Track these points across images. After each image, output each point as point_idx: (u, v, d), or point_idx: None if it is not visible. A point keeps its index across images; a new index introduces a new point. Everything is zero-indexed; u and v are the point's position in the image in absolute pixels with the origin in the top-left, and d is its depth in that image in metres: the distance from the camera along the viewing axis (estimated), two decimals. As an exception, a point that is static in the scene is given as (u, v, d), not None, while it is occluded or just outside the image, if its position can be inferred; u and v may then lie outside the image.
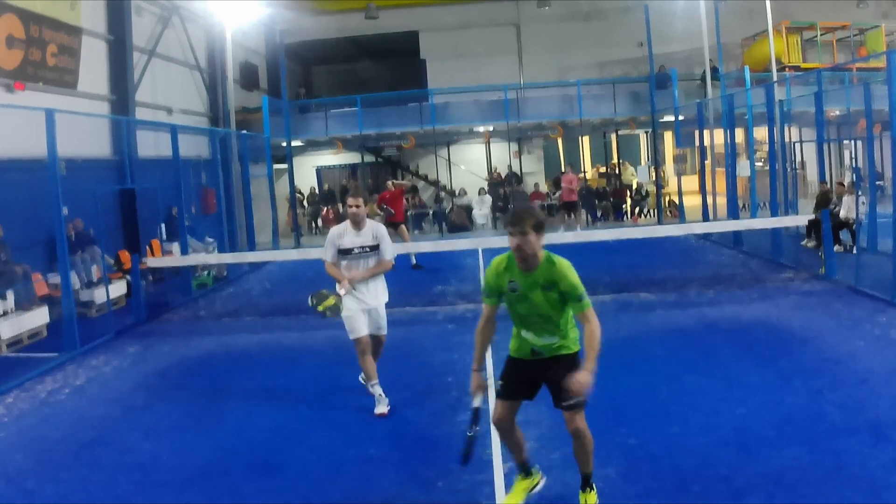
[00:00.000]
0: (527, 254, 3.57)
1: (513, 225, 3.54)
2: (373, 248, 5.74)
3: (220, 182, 14.39)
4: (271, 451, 5.01)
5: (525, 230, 3.51)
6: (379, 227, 5.83)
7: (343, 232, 5.78)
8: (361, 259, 5.76)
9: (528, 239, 3.53)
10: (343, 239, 5.77)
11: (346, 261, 5.79)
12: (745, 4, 18.72)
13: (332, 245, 5.80)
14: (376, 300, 5.85)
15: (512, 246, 3.60)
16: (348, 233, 5.75)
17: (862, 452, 4.29)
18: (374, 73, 26.91)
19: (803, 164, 19.12)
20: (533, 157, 23.18)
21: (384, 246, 5.79)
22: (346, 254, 5.76)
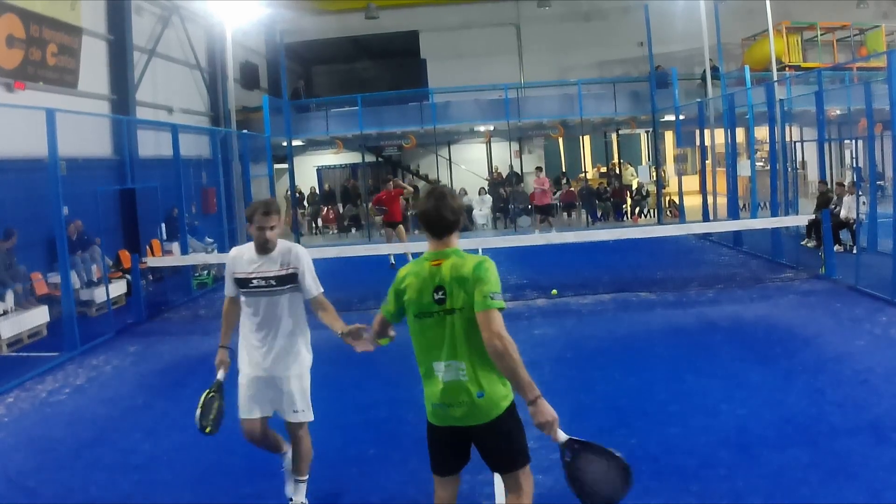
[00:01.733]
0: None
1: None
2: (282, 281, 3.82)
3: (221, 182, 14.38)
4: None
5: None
6: (295, 251, 3.90)
7: (241, 253, 3.87)
8: (264, 298, 3.82)
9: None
10: (237, 264, 3.85)
11: (244, 299, 3.89)
12: (745, 4, 18.71)
13: (229, 274, 3.91)
14: (282, 366, 3.93)
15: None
16: (247, 255, 3.85)
17: (862, 453, 4.28)
18: (375, 73, 26.91)
19: (804, 164, 19.12)
20: (534, 156, 23.18)
21: (307, 278, 3.91)
22: (243, 287, 3.84)
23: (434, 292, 2.86)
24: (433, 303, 2.87)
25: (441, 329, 2.87)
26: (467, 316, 2.80)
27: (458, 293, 2.81)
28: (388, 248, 12.43)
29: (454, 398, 2.88)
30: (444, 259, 2.88)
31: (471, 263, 2.84)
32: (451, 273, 2.84)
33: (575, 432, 4.92)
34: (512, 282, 11.17)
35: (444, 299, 2.84)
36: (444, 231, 2.92)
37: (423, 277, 2.90)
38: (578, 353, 7.00)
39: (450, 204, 2.91)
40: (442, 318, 2.86)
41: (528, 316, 8.81)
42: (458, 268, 2.84)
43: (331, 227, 21.48)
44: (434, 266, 2.88)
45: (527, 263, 12.52)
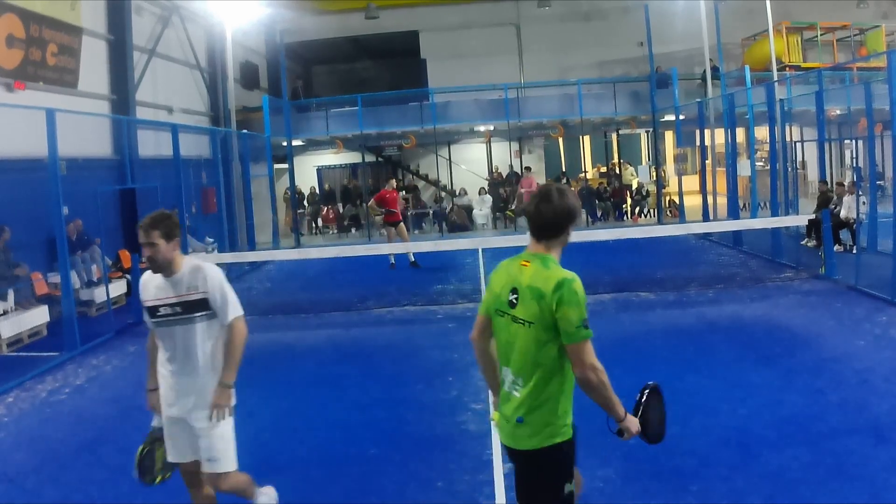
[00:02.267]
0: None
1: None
2: (190, 308, 3.33)
3: (221, 182, 14.39)
4: (271, 451, 5.01)
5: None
6: (203, 271, 3.38)
7: (150, 279, 3.43)
8: (177, 327, 3.34)
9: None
10: (146, 291, 3.43)
11: (156, 329, 3.46)
12: (745, 4, 18.71)
13: (142, 303, 3.48)
14: (191, 406, 3.38)
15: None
16: (155, 280, 3.41)
17: (862, 453, 4.29)
18: (375, 73, 26.91)
19: (804, 164, 19.13)
20: (534, 156, 23.16)
21: (218, 301, 3.39)
22: (152, 316, 3.40)
23: (511, 293, 2.65)
24: (507, 304, 2.66)
25: (508, 334, 2.66)
26: (535, 335, 2.55)
27: (529, 304, 2.56)
28: (389, 248, 12.43)
29: (504, 410, 2.71)
30: (531, 262, 2.64)
31: (553, 279, 2.54)
32: (530, 280, 2.59)
33: (576, 432, 4.92)
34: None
35: (515, 304, 2.62)
36: (541, 233, 2.65)
37: (509, 273, 2.70)
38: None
39: (554, 204, 2.61)
40: (510, 323, 2.64)
41: (528, 316, 8.80)
42: (537, 277, 2.58)
43: (331, 226, 21.48)
44: (521, 266, 2.66)
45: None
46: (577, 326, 2.50)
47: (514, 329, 2.61)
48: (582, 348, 2.52)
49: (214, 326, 3.43)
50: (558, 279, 2.53)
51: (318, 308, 10.05)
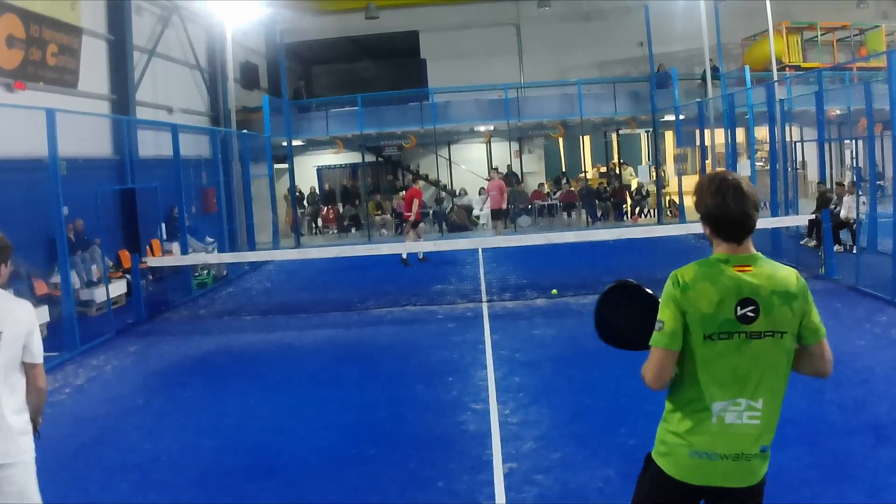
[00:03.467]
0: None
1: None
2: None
3: (221, 182, 14.38)
4: (271, 451, 5.01)
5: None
6: (15, 306, 2.92)
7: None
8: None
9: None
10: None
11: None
12: (745, 4, 18.71)
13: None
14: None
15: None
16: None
17: (862, 453, 4.29)
18: (375, 73, 26.91)
19: (804, 164, 19.13)
20: (534, 156, 23.19)
21: (28, 340, 2.90)
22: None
23: (738, 306, 2.17)
24: (735, 320, 2.16)
25: (738, 356, 2.19)
26: (787, 345, 2.19)
27: (781, 312, 2.17)
28: (388, 249, 12.43)
29: (736, 448, 2.23)
30: (753, 265, 2.21)
31: (794, 276, 2.22)
32: (770, 284, 2.17)
33: (575, 432, 4.95)
34: (512, 282, 11.18)
35: (754, 318, 2.16)
36: (747, 233, 2.24)
37: (724, 285, 2.18)
38: (578, 353, 6.99)
39: (752, 198, 2.22)
40: (743, 343, 2.18)
41: (528, 316, 8.81)
42: (778, 279, 2.19)
43: (331, 226, 21.49)
44: (740, 272, 2.19)
45: (527, 263, 12.53)
46: (820, 321, 2.27)
47: (753, 347, 2.18)
48: (826, 344, 2.29)
49: (4, 362, 2.86)
50: (796, 275, 2.24)
51: (318, 308, 10.06)
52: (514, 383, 6.16)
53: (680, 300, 2.22)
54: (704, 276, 2.22)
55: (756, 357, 2.19)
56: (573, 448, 4.65)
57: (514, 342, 7.56)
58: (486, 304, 9.71)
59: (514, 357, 6.98)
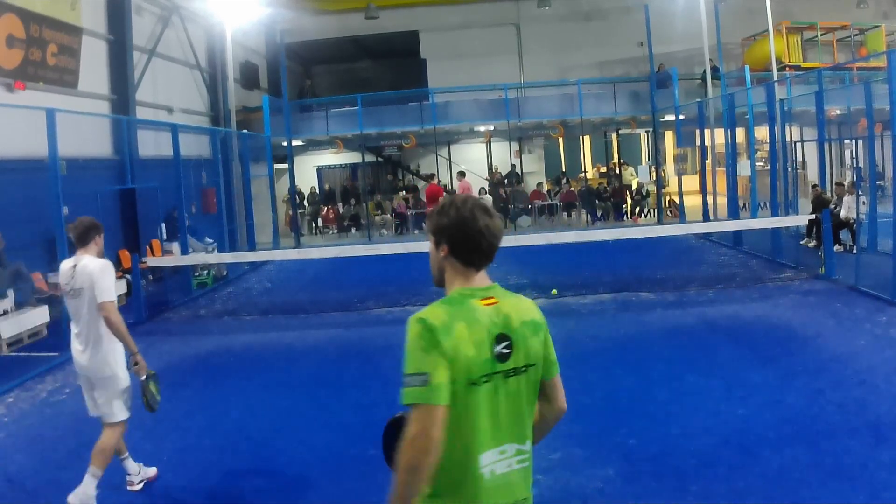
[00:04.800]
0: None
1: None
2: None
3: (221, 182, 14.39)
4: (271, 451, 5.01)
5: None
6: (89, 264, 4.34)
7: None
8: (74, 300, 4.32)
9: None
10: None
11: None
12: (745, 4, 18.72)
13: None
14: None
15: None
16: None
17: (862, 452, 4.29)
18: (375, 73, 26.91)
19: (804, 164, 19.13)
20: (534, 156, 23.18)
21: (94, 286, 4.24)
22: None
23: (494, 344, 1.92)
24: (493, 359, 1.91)
25: (499, 399, 1.94)
26: (535, 378, 2.01)
27: (532, 344, 1.98)
28: (388, 249, 12.41)
29: (510, 498, 2.01)
30: (498, 296, 2.00)
31: (534, 304, 2.08)
32: (518, 315, 1.98)
33: (575, 432, 4.95)
34: (512, 281, 11.17)
35: (509, 353, 1.94)
36: (490, 259, 2.04)
37: (479, 323, 1.92)
38: (578, 353, 6.99)
39: (497, 219, 2.05)
40: (502, 383, 1.93)
41: (528, 316, 8.80)
42: (523, 309, 2.02)
43: (331, 226, 21.48)
44: (487, 306, 1.96)
45: (527, 263, 12.52)
46: (554, 353, 2.09)
47: (511, 385, 1.94)
48: (559, 381, 2.12)
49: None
50: (534, 303, 2.10)
51: (318, 308, 10.06)
52: (514, 383, 6.15)
53: (444, 346, 1.85)
54: (458, 315, 1.91)
55: (515, 396, 1.96)
56: (573, 448, 4.65)
57: (514, 342, 7.54)
58: (486, 304, 9.69)
59: (514, 357, 6.96)
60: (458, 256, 2.01)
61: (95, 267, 4.23)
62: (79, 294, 4.23)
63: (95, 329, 4.21)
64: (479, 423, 1.91)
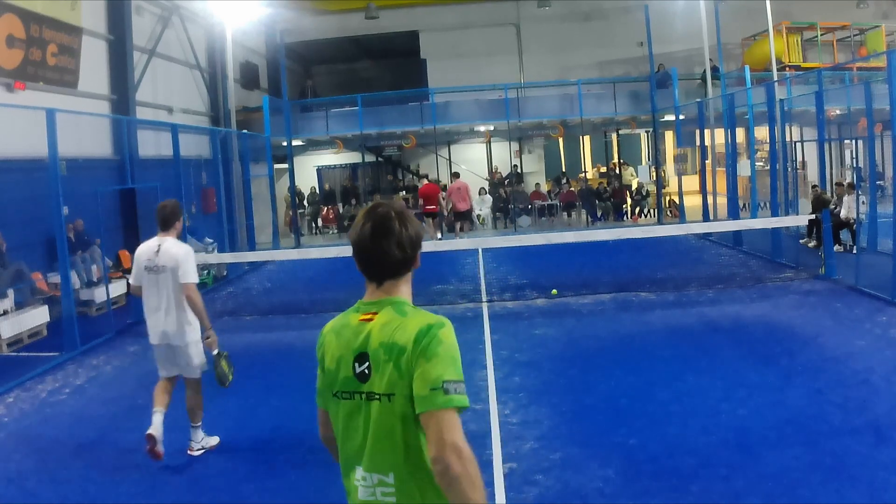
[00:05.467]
0: None
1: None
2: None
3: (221, 182, 14.39)
4: (271, 451, 5.01)
5: None
6: (172, 247, 5.00)
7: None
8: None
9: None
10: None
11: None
12: (745, 4, 18.71)
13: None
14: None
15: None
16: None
17: (862, 452, 4.29)
18: (375, 73, 26.92)
19: (804, 164, 19.14)
20: (534, 156, 23.18)
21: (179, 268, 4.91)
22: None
23: (355, 362, 1.86)
24: (354, 378, 1.86)
25: (359, 420, 1.86)
26: (399, 409, 1.79)
27: (386, 370, 1.80)
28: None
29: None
30: (377, 312, 1.89)
31: (414, 326, 1.82)
32: (381, 336, 1.84)
33: (575, 432, 4.95)
34: (512, 282, 11.18)
35: (368, 375, 1.83)
36: (384, 273, 1.91)
37: (345, 338, 1.90)
38: (578, 353, 7.00)
39: (396, 232, 1.87)
40: (363, 404, 1.85)
41: (528, 316, 8.81)
42: (391, 329, 1.83)
43: (331, 226, 21.49)
44: (363, 321, 1.89)
45: (527, 263, 12.52)
46: (436, 386, 1.73)
47: (370, 409, 1.83)
48: (441, 419, 1.71)
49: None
50: (421, 326, 1.81)
51: (318, 308, 10.05)
52: (514, 383, 6.16)
53: (317, 353, 1.97)
54: (334, 326, 1.95)
55: (379, 423, 1.82)
56: (573, 448, 4.65)
57: (514, 342, 7.55)
58: (486, 304, 9.71)
59: (514, 357, 6.98)
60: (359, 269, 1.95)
61: (181, 251, 4.86)
62: (161, 271, 4.85)
63: (179, 302, 4.81)
64: (346, 438, 1.92)
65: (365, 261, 1.90)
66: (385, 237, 1.87)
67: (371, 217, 1.89)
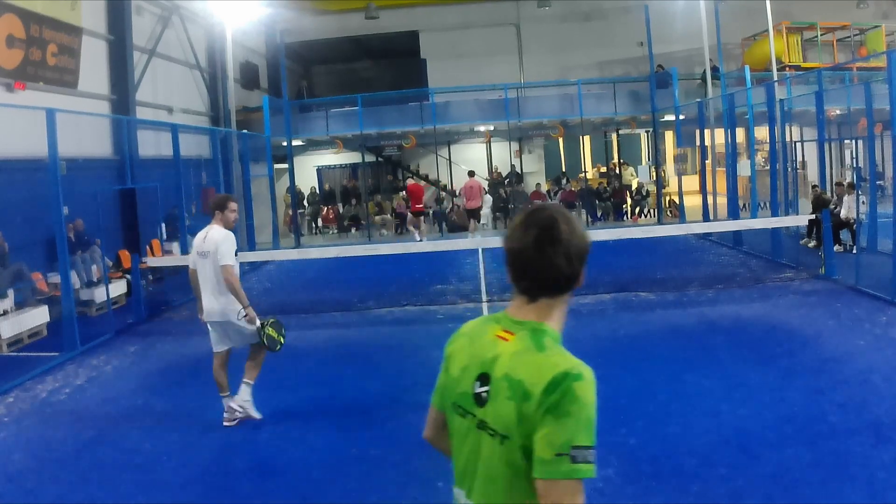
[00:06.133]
0: None
1: None
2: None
3: (221, 182, 14.38)
4: (271, 451, 5.01)
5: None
6: (213, 233, 5.59)
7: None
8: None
9: None
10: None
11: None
12: (745, 4, 18.71)
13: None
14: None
15: None
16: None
17: (862, 452, 4.28)
18: (375, 73, 26.92)
19: (804, 164, 19.14)
20: (534, 156, 23.18)
21: (218, 251, 5.47)
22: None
23: (478, 380, 1.65)
24: (472, 397, 1.66)
25: (469, 444, 1.68)
26: (510, 457, 1.57)
27: (505, 408, 1.57)
28: (388, 249, 12.43)
29: None
30: (514, 334, 1.64)
31: (548, 370, 1.55)
32: (509, 366, 1.60)
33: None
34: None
35: (485, 401, 1.63)
36: (542, 288, 1.66)
37: (477, 348, 1.70)
38: (578, 353, 6.94)
39: (565, 241, 1.61)
40: (473, 430, 1.66)
41: (528, 316, 8.79)
42: (522, 362, 1.59)
43: (331, 226, 21.49)
44: (497, 338, 1.67)
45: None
46: (560, 450, 1.48)
47: (480, 440, 1.64)
48: (559, 490, 1.49)
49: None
50: (556, 373, 1.54)
51: (318, 308, 10.05)
52: (514, 383, 6.14)
53: (445, 349, 1.80)
54: (472, 329, 1.76)
55: (478, 452, 1.65)
56: (573, 448, 4.64)
57: (514, 342, 7.53)
58: (486, 304, 9.70)
59: (514, 357, 6.96)
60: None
61: (220, 236, 5.43)
62: (206, 256, 5.41)
63: (220, 283, 5.36)
64: (455, 451, 1.75)
65: (522, 271, 1.64)
66: (552, 245, 1.60)
67: (535, 222, 1.62)
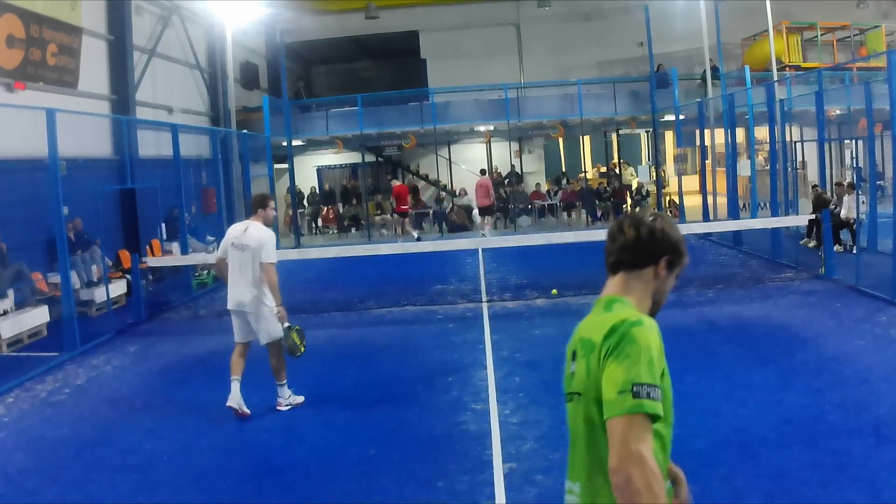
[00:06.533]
0: None
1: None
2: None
3: (221, 182, 14.38)
4: (271, 451, 5.01)
5: None
6: (254, 230, 5.73)
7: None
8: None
9: None
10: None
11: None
12: (745, 4, 18.71)
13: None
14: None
15: None
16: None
17: (862, 453, 4.28)
18: (375, 73, 26.92)
19: (804, 164, 19.14)
20: (534, 156, 23.19)
21: (262, 249, 5.66)
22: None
23: (572, 360, 1.78)
24: (569, 378, 1.78)
25: (571, 425, 1.78)
26: (584, 412, 1.68)
27: (580, 367, 1.71)
28: (388, 249, 12.42)
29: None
30: (596, 309, 1.83)
31: (608, 321, 1.69)
32: (583, 331, 1.78)
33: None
34: (512, 282, 11.18)
35: (574, 373, 1.75)
36: (616, 260, 1.89)
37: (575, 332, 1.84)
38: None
39: (646, 222, 1.82)
40: (569, 406, 1.77)
41: (528, 316, 8.81)
42: (592, 325, 1.75)
43: (331, 226, 21.49)
44: (588, 318, 1.83)
45: (527, 263, 12.52)
46: (624, 389, 1.56)
47: (571, 412, 1.76)
48: (625, 425, 1.54)
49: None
50: (613, 323, 1.67)
51: (318, 308, 10.05)
52: (515, 383, 6.16)
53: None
54: (582, 321, 1.87)
55: (574, 427, 1.74)
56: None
57: (514, 342, 7.55)
58: (486, 304, 9.71)
59: (514, 357, 6.98)
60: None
61: (265, 235, 5.63)
62: (245, 249, 5.59)
63: (256, 278, 5.56)
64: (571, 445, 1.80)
65: (608, 250, 1.87)
66: (631, 224, 1.83)
67: (622, 221, 1.90)
